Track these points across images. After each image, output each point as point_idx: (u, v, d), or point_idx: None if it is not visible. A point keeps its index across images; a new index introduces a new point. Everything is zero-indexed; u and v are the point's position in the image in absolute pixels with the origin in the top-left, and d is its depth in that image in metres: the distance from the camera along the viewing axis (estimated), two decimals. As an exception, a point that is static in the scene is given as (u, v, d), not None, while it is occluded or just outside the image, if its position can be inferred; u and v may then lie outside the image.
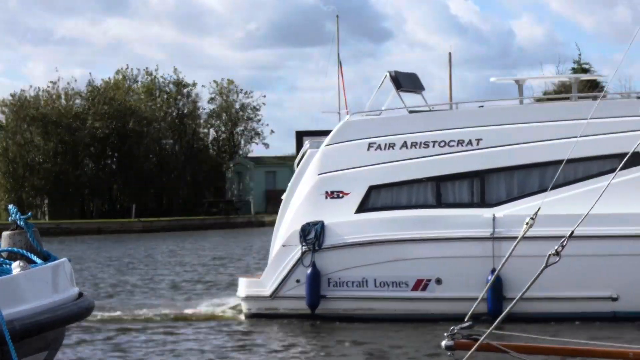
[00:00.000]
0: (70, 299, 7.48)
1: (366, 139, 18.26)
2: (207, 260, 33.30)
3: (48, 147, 64.81)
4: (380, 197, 18.17)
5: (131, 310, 19.47)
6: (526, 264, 16.83)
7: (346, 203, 18.05)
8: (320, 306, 17.51)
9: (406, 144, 18.09)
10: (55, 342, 7.54)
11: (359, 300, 17.27)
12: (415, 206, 17.89)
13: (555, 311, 16.95)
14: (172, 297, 22.37)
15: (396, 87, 19.32)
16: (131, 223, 56.16)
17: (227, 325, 17.52)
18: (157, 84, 70.85)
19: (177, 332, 16.94)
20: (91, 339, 16.39)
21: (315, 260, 17.53)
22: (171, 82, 71.10)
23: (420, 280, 17.10)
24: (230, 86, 72.38)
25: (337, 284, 17.58)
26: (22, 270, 7.25)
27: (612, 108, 17.78)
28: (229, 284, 23.72)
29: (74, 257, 33.00)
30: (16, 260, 7.51)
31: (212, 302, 20.16)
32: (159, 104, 70.62)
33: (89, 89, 68.90)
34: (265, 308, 17.89)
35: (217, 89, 72.25)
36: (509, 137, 17.78)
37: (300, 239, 17.63)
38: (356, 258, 17.51)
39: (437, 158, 17.91)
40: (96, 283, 25.70)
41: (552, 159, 17.11)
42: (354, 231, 17.68)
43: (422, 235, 17.20)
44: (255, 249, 38.46)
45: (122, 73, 70.68)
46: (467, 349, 6.71)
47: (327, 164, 18.32)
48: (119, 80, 70.32)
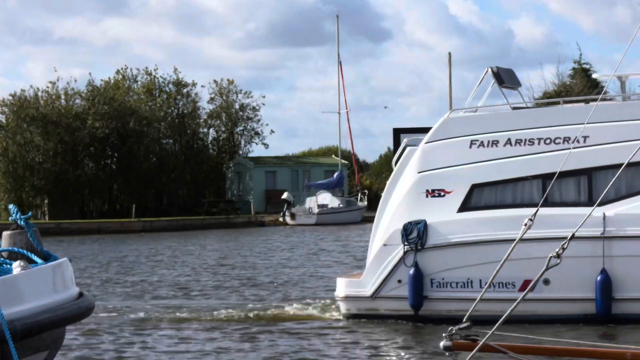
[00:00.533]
0: (70, 298, 7.47)
1: (468, 136, 17.76)
2: (259, 261, 32.49)
3: (48, 147, 64.84)
4: (483, 195, 17.69)
5: (226, 309, 19.13)
6: (636, 264, 16.73)
7: (448, 202, 17.56)
8: (424, 307, 17.06)
9: (510, 141, 17.58)
10: (55, 342, 7.54)
11: (463, 302, 16.32)
12: (520, 205, 17.37)
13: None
14: (255, 296, 21.88)
15: (498, 83, 18.71)
16: (131, 223, 56.15)
17: (327, 326, 17.15)
18: (156, 84, 70.86)
19: (273, 331, 16.64)
20: (204, 337, 16.23)
21: (418, 260, 17.09)
22: (171, 82, 71.17)
23: (528, 281, 16.26)
24: (230, 86, 72.52)
25: (440, 284, 17.11)
26: (22, 270, 7.24)
27: None
28: (295, 284, 23.93)
29: (79, 256, 33.16)
30: (17, 260, 7.50)
31: (305, 302, 19.88)
32: (159, 104, 70.65)
33: (89, 89, 68.98)
34: (365, 308, 17.46)
35: (217, 89, 72.35)
36: (616, 134, 17.24)
37: (402, 238, 17.20)
38: (460, 258, 17.06)
39: (543, 155, 17.40)
40: (178, 284, 25.07)
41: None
42: (458, 230, 17.24)
43: (530, 234, 16.37)
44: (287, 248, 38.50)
45: (121, 73, 70.74)
46: (464, 349, 6.71)
47: (427, 162, 17.84)
48: (118, 80, 70.35)
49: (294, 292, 22.51)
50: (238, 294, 22.52)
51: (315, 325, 17.26)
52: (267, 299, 21.20)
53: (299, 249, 38.41)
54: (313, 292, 22.31)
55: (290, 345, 15.39)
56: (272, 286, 23.92)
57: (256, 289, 23.36)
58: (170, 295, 22.70)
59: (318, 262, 31.58)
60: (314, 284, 24.22)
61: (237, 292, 23.04)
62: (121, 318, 18.56)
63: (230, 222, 59.23)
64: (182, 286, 24.58)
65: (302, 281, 25.12)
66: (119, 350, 15.29)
